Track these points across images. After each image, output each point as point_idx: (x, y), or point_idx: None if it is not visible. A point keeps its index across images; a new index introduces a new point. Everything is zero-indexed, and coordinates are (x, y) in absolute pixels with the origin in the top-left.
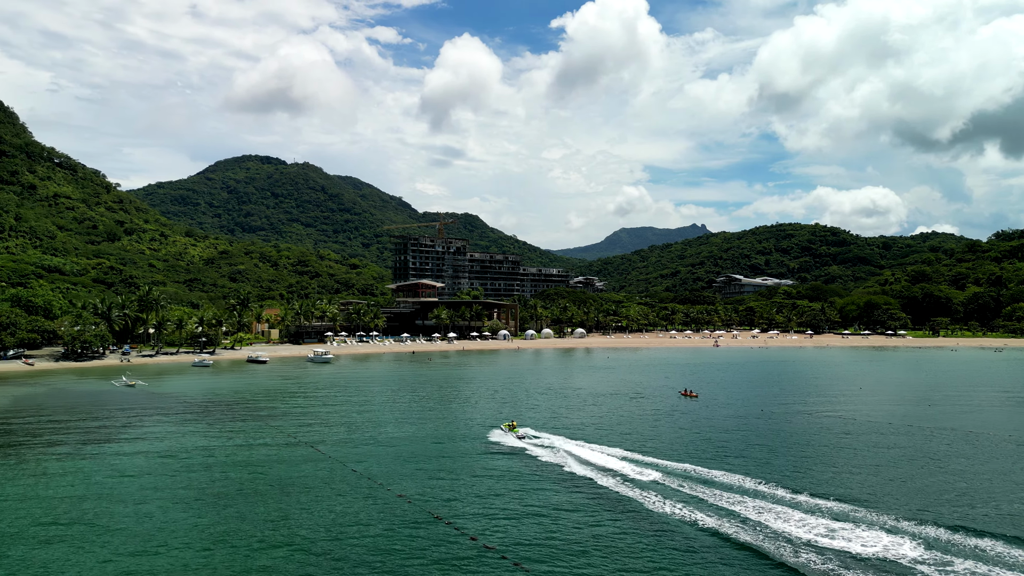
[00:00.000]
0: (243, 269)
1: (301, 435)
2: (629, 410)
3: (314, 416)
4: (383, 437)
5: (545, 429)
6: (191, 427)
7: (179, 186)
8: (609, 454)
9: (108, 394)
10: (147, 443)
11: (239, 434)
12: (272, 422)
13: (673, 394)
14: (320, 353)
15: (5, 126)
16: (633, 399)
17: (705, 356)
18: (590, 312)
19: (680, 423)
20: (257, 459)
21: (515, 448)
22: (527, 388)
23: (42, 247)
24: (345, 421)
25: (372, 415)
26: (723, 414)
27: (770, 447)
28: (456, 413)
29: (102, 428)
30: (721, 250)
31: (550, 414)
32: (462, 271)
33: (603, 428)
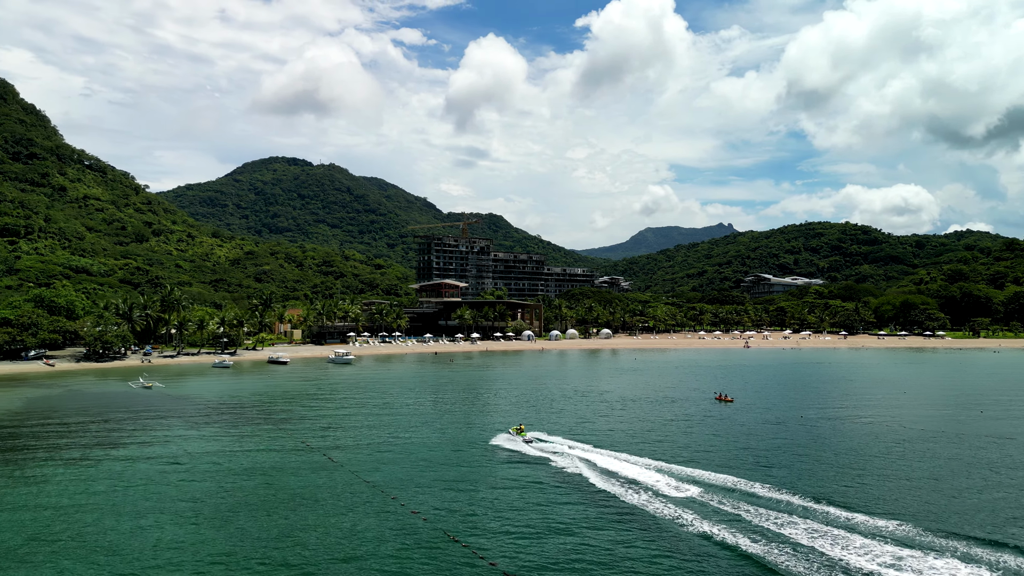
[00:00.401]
0: (268, 269)
1: (315, 441)
2: (660, 416)
3: (330, 420)
4: (400, 443)
5: (571, 436)
6: (201, 431)
7: (207, 188)
8: (640, 464)
9: (123, 396)
10: (153, 448)
11: (250, 439)
12: (286, 426)
13: (706, 398)
14: (341, 354)
15: (37, 129)
16: (664, 404)
17: (736, 358)
18: (616, 312)
19: (715, 430)
20: (266, 467)
21: (538, 457)
22: (551, 391)
23: (71, 248)
24: (361, 425)
25: (390, 419)
26: (760, 420)
27: (815, 457)
28: (476, 418)
29: (111, 432)
30: (748, 249)
31: (576, 420)
32: (486, 271)
33: (633, 436)
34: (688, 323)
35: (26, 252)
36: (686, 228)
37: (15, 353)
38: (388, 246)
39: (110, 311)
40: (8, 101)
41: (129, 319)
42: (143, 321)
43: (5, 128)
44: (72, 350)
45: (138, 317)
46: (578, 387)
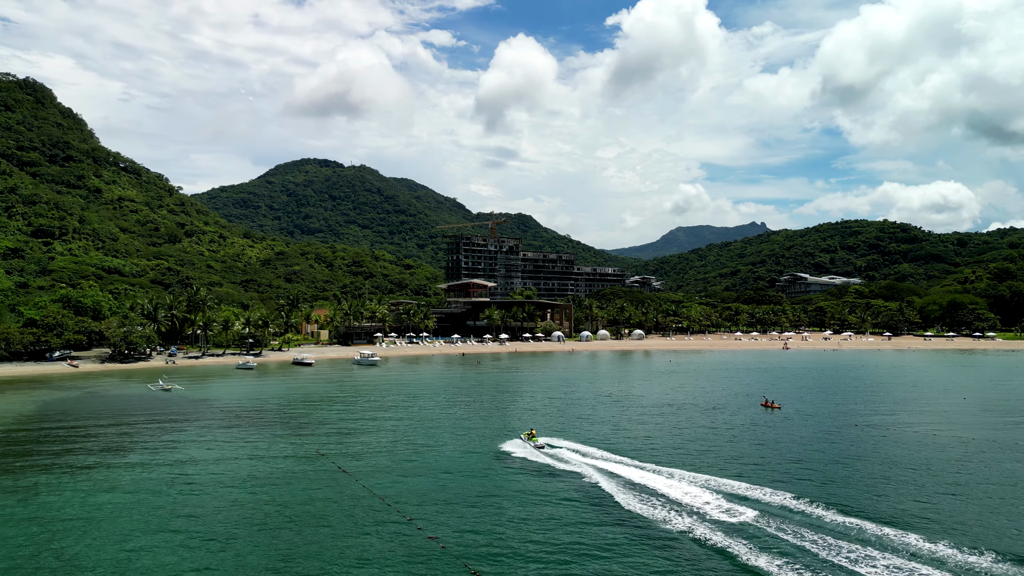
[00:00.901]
0: (298, 270)
1: (330, 449)
2: (702, 423)
3: (349, 426)
4: (419, 452)
5: (608, 447)
6: (213, 438)
7: (240, 190)
8: (684, 480)
9: (139, 399)
10: (160, 457)
11: (262, 447)
12: (302, 434)
13: (751, 404)
14: (366, 355)
15: (73, 132)
16: (705, 410)
17: (776, 360)
18: (649, 313)
19: (764, 440)
20: (275, 479)
21: (566, 471)
22: (583, 396)
23: (104, 249)
24: (380, 431)
25: (410, 425)
26: (812, 429)
27: (882, 474)
28: (502, 424)
29: (118, 439)
30: (783, 248)
31: (611, 428)
32: (514, 270)
33: (674, 446)
34: (724, 324)
35: (60, 253)
36: (718, 227)
37: (40, 354)
38: (418, 246)
39: (136, 312)
40: (46, 105)
41: (154, 319)
42: (168, 322)
43: (43, 131)
44: (98, 351)
45: (163, 317)
46: (611, 391)
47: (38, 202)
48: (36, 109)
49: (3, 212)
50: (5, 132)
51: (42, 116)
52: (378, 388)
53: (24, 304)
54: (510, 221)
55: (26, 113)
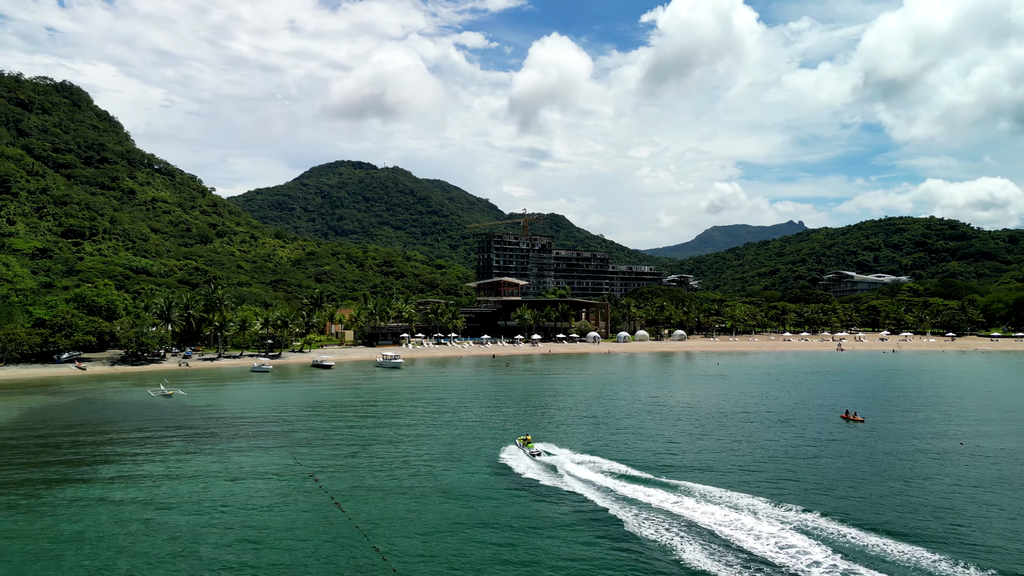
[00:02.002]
0: (328, 270)
1: (328, 471)
2: (772, 439)
3: (356, 442)
4: (427, 475)
5: (666, 472)
6: (195, 457)
7: (276, 192)
8: (763, 516)
9: (135, 407)
10: (125, 481)
11: (247, 467)
12: (299, 450)
13: (824, 415)
14: (389, 357)
15: (109, 135)
16: (772, 423)
17: (833, 362)
18: (691, 312)
19: (857, 463)
20: (252, 515)
21: (621, 502)
22: (625, 404)
23: (134, 249)
24: (392, 447)
25: (425, 438)
26: (910, 448)
27: (1015, 509)
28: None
29: (89, 455)
30: (824, 247)
31: (665, 445)
32: (547, 269)
33: (746, 468)
34: (770, 324)
35: (89, 253)
36: (754, 226)
37: (48, 356)
38: (450, 247)
39: (150, 312)
40: (82, 108)
41: (167, 319)
42: (183, 321)
43: (79, 134)
44: (112, 352)
45: (178, 317)
46: (655, 397)
47: (69, 203)
48: (73, 112)
49: (34, 213)
50: (41, 134)
51: (78, 119)
52: (397, 394)
53: (34, 304)
54: (543, 220)
55: (63, 116)
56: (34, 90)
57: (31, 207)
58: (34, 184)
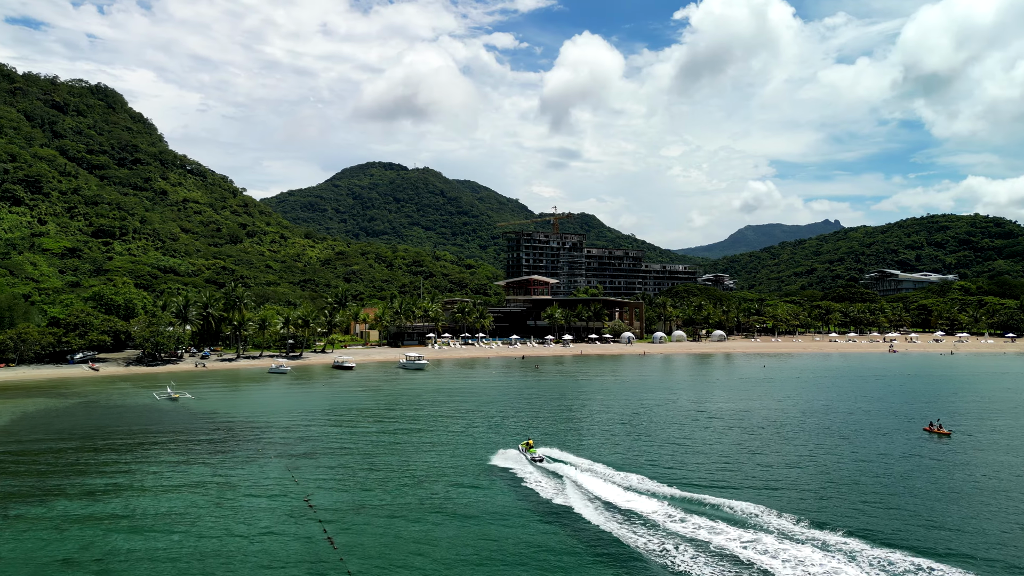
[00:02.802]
0: (357, 269)
1: (323, 488)
2: (848, 456)
3: (364, 456)
4: (442, 497)
5: (719, 488)
6: (181, 467)
7: (308, 193)
8: (879, 568)
9: (135, 411)
10: (96, 502)
11: (236, 482)
12: (300, 463)
13: (898, 426)
14: (413, 358)
15: (142, 136)
16: (841, 436)
17: (888, 364)
18: (730, 311)
19: (959, 489)
20: (225, 537)
21: (675, 539)
22: (666, 411)
23: (163, 248)
24: (397, 457)
25: (442, 450)
26: (1017, 471)
27: None
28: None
29: (63, 466)
30: (862, 245)
31: (717, 460)
32: (578, 268)
33: (821, 493)
34: (814, 323)
35: (119, 253)
36: (788, 225)
37: (61, 356)
38: (480, 247)
39: (168, 310)
40: (117, 110)
41: (184, 318)
42: (200, 320)
43: (113, 135)
44: (130, 352)
45: (195, 316)
46: (699, 403)
47: (100, 203)
48: (107, 114)
49: (66, 213)
50: (76, 136)
51: (112, 120)
52: (418, 398)
53: (49, 303)
54: (573, 220)
55: (97, 118)
56: (69, 92)
57: (62, 207)
58: (66, 184)
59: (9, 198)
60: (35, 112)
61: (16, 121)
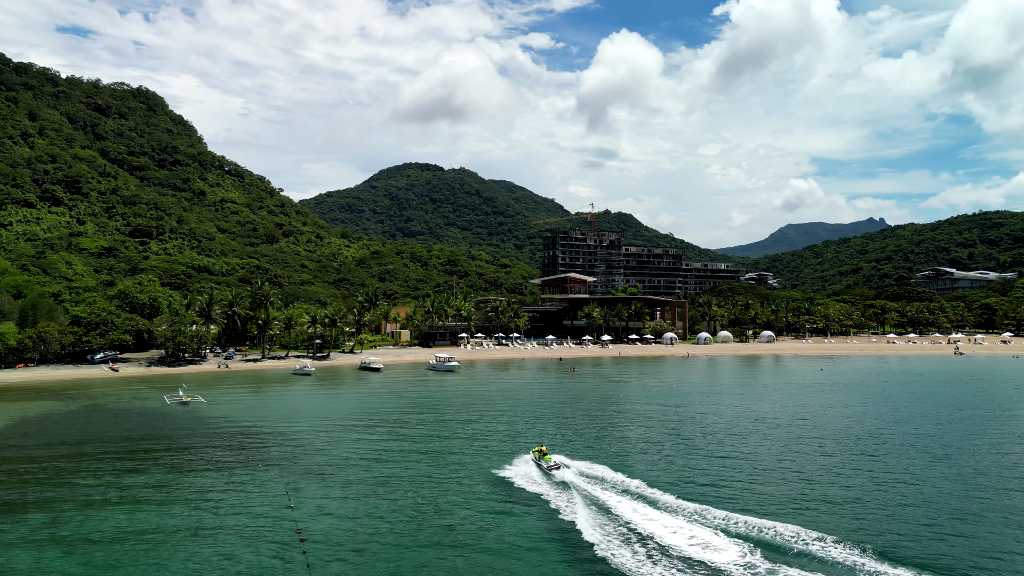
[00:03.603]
0: (392, 268)
1: (321, 516)
2: (944, 480)
3: (373, 470)
4: (454, 533)
5: (830, 528)
6: (166, 488)
7: (346, 195)
8: None
9: (141, 416)
10: (63, 510)
11: (224, 510)
12: (299, 483)
13: (1007, 442)
14: (443, 359)
15: (182, 138)
16: (936, 456)
17: (957, 367)
18: (780, 311)
19: None
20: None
21: None
22: (721, 420)
23: (199, 248)
24: (412, 477)
25: (464, 469)
26: None
27: None
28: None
29: (36, 480)
30: (911, 243)
31: (800, 488)
32: (616, 266)
33: (933, 533)
34: (868, 324)
35: (155, 252)
36: (831, 224)
37: (82, 356)
38: (516, 247)
39: (193, 309)
40: (157, 112)
41: (208, 317)
42: (224, 319)
43: (153, 137)
44: (154, 352)
45: (219, 315)
46: (757, 412)
47: (138, 203)
48: (148, 116)
49: (104, 213)
50: (117, 138)
51: (153, 123)
52: (445, 404)
53: (75, 301)
54: (610, 218)
55: (138, 120)
56: (111, 95)
57: (101, 207)
58: (105, 185)
59: (49, 199)
60: (77, 115)
61: (58, 123)
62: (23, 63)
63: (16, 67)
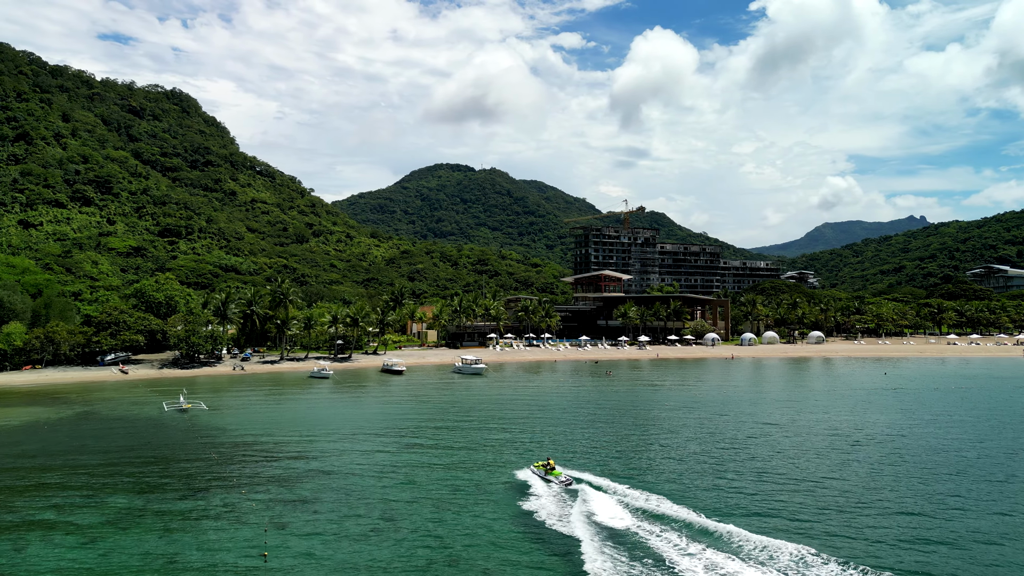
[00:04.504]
0: (422, 268)
1: (297, 573)
2: None
3: (372, 500)
4: None
5: None
6: (126, 510)
7: (377, 196)
8: None
9: (133, 426)
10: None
11: (180, 544)
12: (285, 518)
13: None
14: (469, 362)
15: (214, 139)
16: None
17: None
18: (830, 310)
19: None
20: None
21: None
22: (779, 433)
23: (228, 248)
24: (422, 500)
25: (490, 493)
26: None
27: None
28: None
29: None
30: (956, 241)
31: (909, 530)
32: (651, 264)
33: None
34: (924, 323)
35: (183, 252)
36: (869, 222)
37: (92, 357)
38: (547, 247)
39: (208, 308)
40: (191, 114)
41: (223, 316)
42: (240, 319)
43: (186, 139)
44: (170, 353)
45: (235, 314)
46: (829, 424)
47: (168, 202)
48: (182, 118)
49: (134, 212)
50: (151, 139)
51: (186, 124)
52: (470, 412)
53: (83, 300)
54: (643, 217)
55: (172, 122)
56: (146, 97)
57: (131, 207)
58: (136, 185)
59: (80, 199)
60: (112, 117)
61: (91, 124)
62: (59, 66)
63: (52, 70)
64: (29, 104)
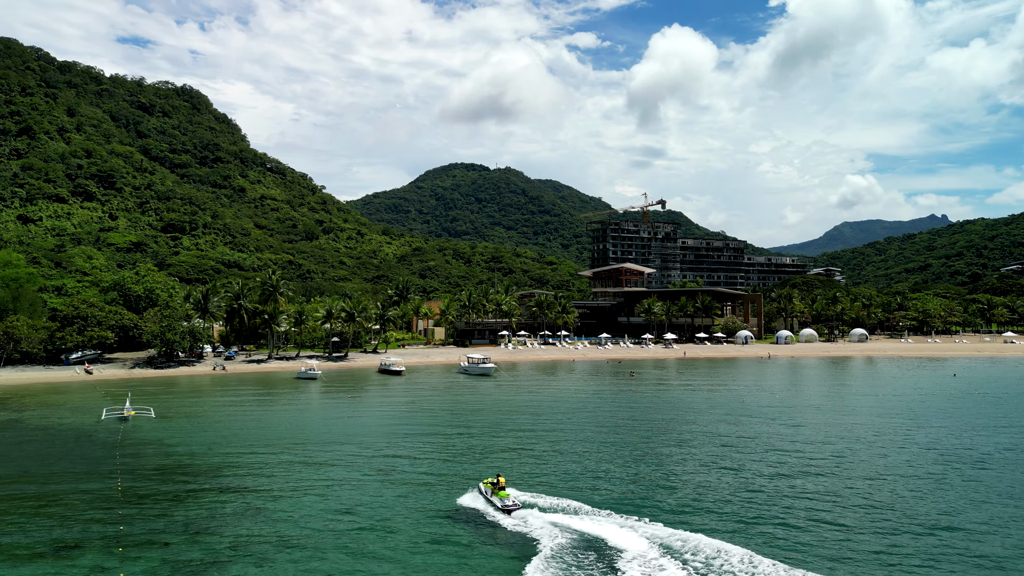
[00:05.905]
0: (433, 265)
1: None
2: None
3: (330, 549)
4: None
5: None
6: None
7: (392, 196)
8: None
9: (55, 439)
10: None
11: None
12: (226, 557)
13: None
14: (476, 361)
15: (224, 135)
16: None
17: None
18: (873, 306)
19: None
20: None
21: None
22: (862, 451)
23: (232, 244)
24: (394, 548)
25: (481, 539)
26: None
27: None
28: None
29: None
30: (983, 239)
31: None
32: (672, 260)
33: None
34: (974, 320)
35: (187, 248)
36: (889, 221)
37: (57, 356)
38: (562, 246)
39: (189, 302)
40: (201, 111)
41: (204, 310)
42: (223, 314)
43: (196, 135)
44: (148, 352)
45: (218, 308)
46: (909, 435)
47: (172, 198)
48: (192, 114)
49: (137, 208)
50: (160, 136)
51: (196, 120)
52: (473, 420)
53: (66, 295)
54: (660, 214)
55: (182, 118)
56: (155, 94)
57: (134, 202)
58: (140, 180)
59: (81, 193)
60: (120, 112)
61: (97, 120)
62: (67, 61)
63: (60, 65)
64: (33, 99)
